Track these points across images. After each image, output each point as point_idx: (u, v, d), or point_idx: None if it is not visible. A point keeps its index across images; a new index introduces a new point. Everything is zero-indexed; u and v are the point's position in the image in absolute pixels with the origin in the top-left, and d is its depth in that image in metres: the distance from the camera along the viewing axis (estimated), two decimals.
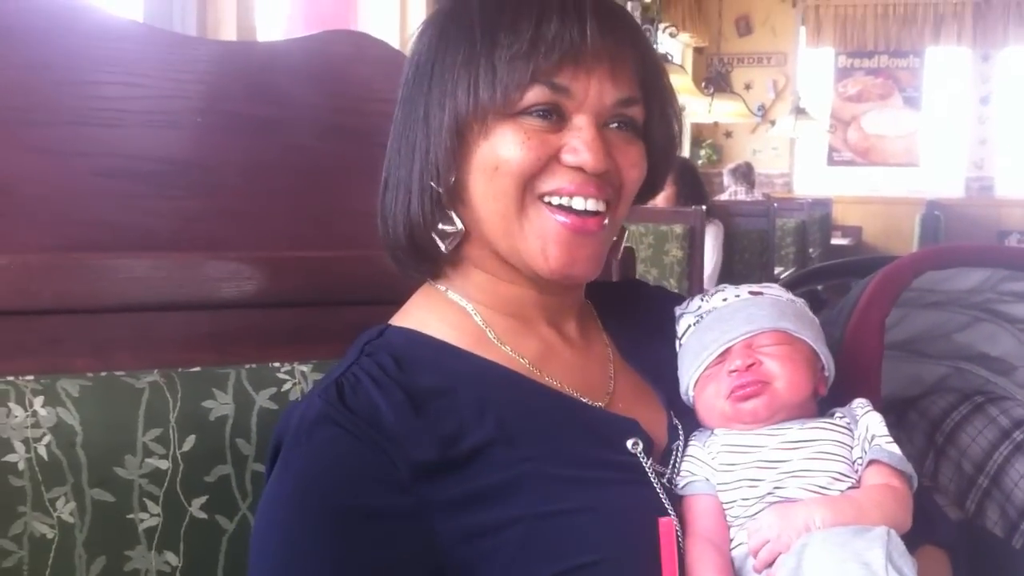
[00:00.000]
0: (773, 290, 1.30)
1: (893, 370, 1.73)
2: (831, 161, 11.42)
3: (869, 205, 11.03)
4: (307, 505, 1.04)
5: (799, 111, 9.97)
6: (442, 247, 1.16)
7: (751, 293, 1.27)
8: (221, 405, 1.21)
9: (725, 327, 1.21)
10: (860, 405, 1.20)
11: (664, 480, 1.15)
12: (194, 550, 1.18)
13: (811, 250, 7.91)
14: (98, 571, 1.12)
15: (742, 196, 7.91)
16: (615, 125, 1.16)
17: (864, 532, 1.02)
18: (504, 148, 1.11)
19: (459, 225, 1.15)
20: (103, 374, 1.18)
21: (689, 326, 1.27)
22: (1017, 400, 1.76)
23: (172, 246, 1.33)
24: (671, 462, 1.18)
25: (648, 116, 1.19)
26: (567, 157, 1.12)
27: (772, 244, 6.33)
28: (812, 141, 11.22)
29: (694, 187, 5.56)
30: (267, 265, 1.34)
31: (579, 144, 1.12)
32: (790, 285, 2.74)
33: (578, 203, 1.13)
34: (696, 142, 11.28)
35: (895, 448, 1.13)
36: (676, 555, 0.93)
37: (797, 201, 8.81)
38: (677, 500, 1.14)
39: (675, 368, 1.25)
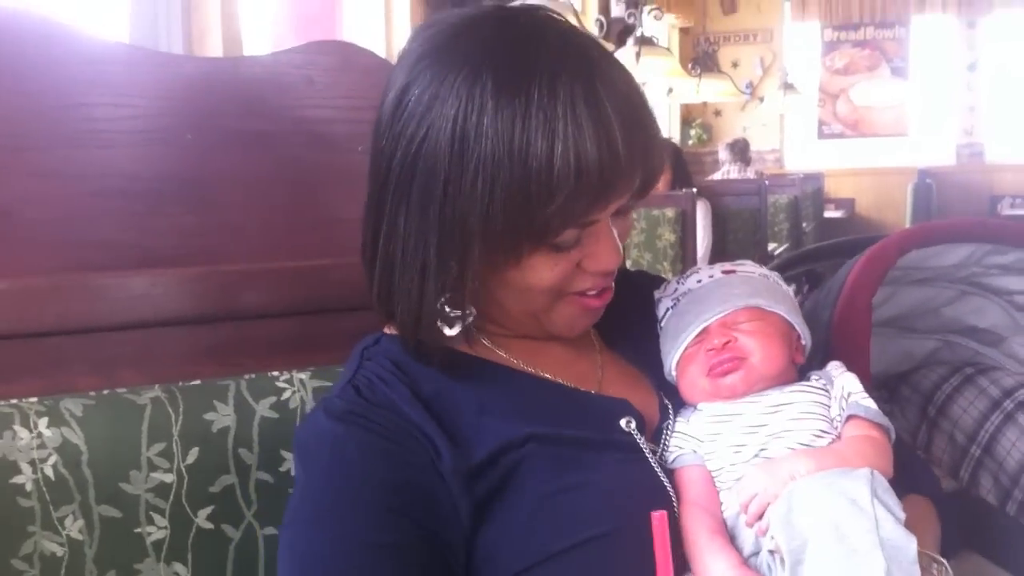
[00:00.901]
0: (746, 267, 1.32)
1: (884, 347, 1.76)
2: (821, 134, 11.41)
3: (861, 176, 11.02)
4: (349, 490, 1.06)
5: (787, 86, 9.99)
6: (447, 332, 1.13)
7: (724, 272, 1.30)
8: (222, 416, 1.23)
9: (700, 308, 1.24)
10: (835, 367, 1.23)
11: (658, 457, 1.18)
12: (202, 560, 1.20)
13: (804, 224, 7.91)
14: None
15: (734, 175, 7.91)
16: None
17: (848, 473, 1.05)
18: (534, 276, 1.11)
19: (471, 313, 1.13)
20: (105, 392, 1.20)
21: (667, 309, 1.30)
22: (1006, 370, 1.78)
23: (171, 262, 1.34)
24: (663, 440, 1.21)
25: None
26: (591, 265, 1.14)
27: (764, 222, 6.33)
28: (801, 116, 11.23)
29: (682, 169, 5.61)
30: (264, 277, 1.36)
31: (601, 254, 1.14)
32: (781, 268, 2.76)
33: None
34: (686, 122, 11.28)
35: (871, 403, 1.16)
36: (668, 548, 0.95)
37: (789, 177, 8.80)
38: (671, 475, 1.17)
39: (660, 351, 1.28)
